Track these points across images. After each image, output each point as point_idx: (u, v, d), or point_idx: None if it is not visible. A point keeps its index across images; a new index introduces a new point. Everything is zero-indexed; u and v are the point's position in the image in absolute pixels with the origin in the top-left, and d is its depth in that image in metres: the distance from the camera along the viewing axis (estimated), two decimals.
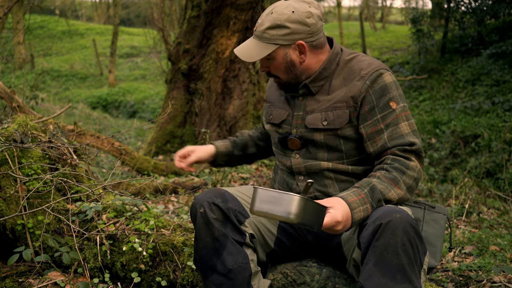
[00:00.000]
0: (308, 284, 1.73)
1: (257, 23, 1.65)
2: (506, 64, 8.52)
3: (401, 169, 1.54)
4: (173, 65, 5.75)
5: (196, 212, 1.59)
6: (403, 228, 1.34)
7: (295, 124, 1.72)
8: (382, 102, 1.60)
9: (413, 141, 1.57)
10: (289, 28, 1.59)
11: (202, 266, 1.61)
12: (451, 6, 10.37)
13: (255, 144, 2.03)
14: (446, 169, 6.50)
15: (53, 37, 22.10)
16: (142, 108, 12.60)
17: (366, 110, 1.61)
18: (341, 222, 1.39)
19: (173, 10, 12.62)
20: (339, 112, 1.63)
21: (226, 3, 5.27)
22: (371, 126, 1.61)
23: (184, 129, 5.66)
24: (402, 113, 1.60)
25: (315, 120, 1.66)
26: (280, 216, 1.32)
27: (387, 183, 1.51)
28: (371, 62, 1.66)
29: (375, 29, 19.77)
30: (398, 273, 1.34)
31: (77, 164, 2.26)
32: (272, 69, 1.69)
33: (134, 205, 2.21)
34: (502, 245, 2.77)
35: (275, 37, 1.61)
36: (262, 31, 1.62)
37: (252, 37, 1.68)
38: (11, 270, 1.96)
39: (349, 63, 1.69)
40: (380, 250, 1.35)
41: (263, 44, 1.63)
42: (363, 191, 1.47)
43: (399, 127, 1.59)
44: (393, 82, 1.62)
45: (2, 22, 3.70)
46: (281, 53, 1.63)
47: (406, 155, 1.57)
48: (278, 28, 1.60)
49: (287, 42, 1.61)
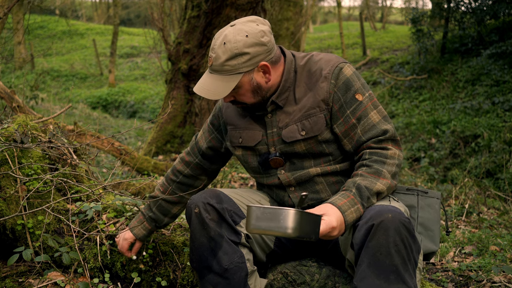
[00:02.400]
0: (308, 283, 1.73)
1: (211, 57, 1.57)
2: (506, 64, 8.52)
3: (380, 160, 1.54)
4: (173, 65, 5.75)
5: (191, 212, 1.59)
6: (395, 228, 1.34)
7: (272, 142, 1.67)
8: (349, 97, 1.59)
9: (385, 129, 1.57)
10: (249, 53, 1.53)
11: (198, 266, 1.61)
12: (451, 6, 10.36)
13: (190, 190, 1.90)
14: (446, 169, 6.50)
15: (53, 37, 22.09)
16: (142, 108, 12.60)
17: (336, 109, 1.60)
18: (336, 227, 1.39)
19: (173, 10, 12.62)
20: (314, 118, 1.61)
21: (226, 3, 5.28)
22: (343, 124, 1.60)
23: (184, 129, 5.65)
24: (369, 103, 1.60)
25: (292, 132, 1.63)
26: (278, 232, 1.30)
27: (371, 177, 1.50)
28: (328, 59, 1.64)
29: (375, 29, 19.76)
30: (391, 274, 1.34)
31: (77, 164, 2.26)
32: (237, 97, 1.62)
33: (134, 205, 2.21)
34: (502, 245, 2.76)
35: (237, 66, 1.54)
36: (221, 64, 1.54)
37: (209, 72, 1.60)
38: (11, 270, 1.96)
39: (306, 67, 1.66)
40: (374, 251, 1.35)
41: (225, 77, 1.55)
42: (351, 192, 1.47)
43: (369, 117, 1.58)
44: (354, 74, 1.61)
45: (2, 22, 3.70)
46: (246, 80, 1.57)
47: (382, 145, 1.57)
48: (237, 56, 1.53)
49: (250, 68, 1.55)
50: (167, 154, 5.57)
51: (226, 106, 1.80)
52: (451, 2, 10.29)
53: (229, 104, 1.79)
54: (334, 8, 19.23)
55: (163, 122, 5.67)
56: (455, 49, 10.31)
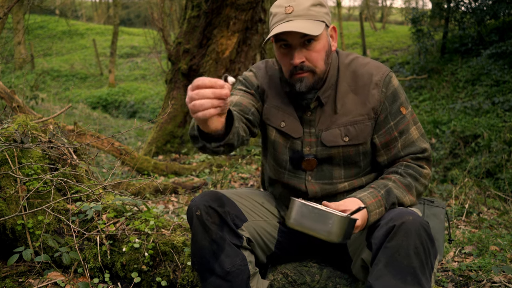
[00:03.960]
0: (309, 284, 1.73)
1: (290, 7, 1.44)
2: (506, 64, 8.52)
3: (415, 176, 1.53)
4: (173, 65, 5.75)
5: (192, 214, 1.57)
6: (416, 230, 1.33)
7: (308, 142, 1.59)
8: (394, 109, 1.55)
9: (424, 147, 1.56)
10: (326, 7, 1.50)
11: (200, 269, 1.60)
12: (451, 6, 10.36)
13: None
14: (446, 169, 6.50)
15: (53, 37, 22.09)
16: (142, 108, 12.60)
17: (381, 119, 1.55)
18: (359, 226, 1.41)
19: (173, 10, 12.62)
20: (361, 126, 1.54)
21: (226, 3, 5.27)
22: (385, 135, 1.56)
23: (184, 129, 5.65)
24: (410, 118, 1.58)
25: (334, 137, 1.56)
26: (321, 235, 1.27)
27: (402, 189, 1.50)
28: (376, 64, 1.59)
29: (375, 29, 19.77)
30: (408, 275, 1.32)
31: (77, 164, 2.26)
32: (310, 57, 1.48)
33: (134, 205, 2.21)
34: (502, 245, 2.76)
35: (321, 14, 1.47)
36: (307, 9, 1.44)
37: (288, 20, 1.44)
38: (11, 270, 1.96)
39: (350, 67, 1.59)
40: (392, 252, 1.33)
41: (312, 21, 1.44)
42: (380, 193, 1.47)
43: (410, 133, 1.56)
44: (399, 85, 1.59)
45: (2, 22, 3.70)
46: (324, 34, 1.48)
47: (419, 162, 1.56)
48: (319, 5, 1.47)
49: (327, 22, 1.49)
50: (167, 154, 5.57)
51: (270, 76, 1.65)
52: (451, 2, 10.29)
53: (273, 77, 1.63)
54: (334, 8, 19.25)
55: (163, 122, 5.67)
56: (455, 49, 10.31)
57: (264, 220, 1.70)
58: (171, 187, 3.96)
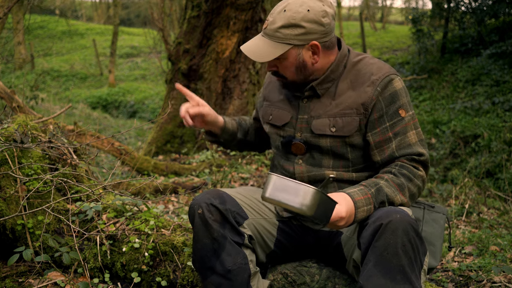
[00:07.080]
0: (308, 284, 1.73)
1: (268, 21, 1.56)
2: (506, 64, 8.52)
3: (408, 176, 1.53)
4: (173, 65, 5.75)
5: (194, 213, 1.58)
6: (403, 228, 1.33)
7: (300, 128, 1.66)
8: (392, 110, 1.56)
9: (421, 152, 1.56)
10: (304, 27, 1.52)
11: (201, 267, 1.60)
12: (451, 6, 10.36)
13: (254, 133, 1.96)
14: (446, 169, 6.50)
15: (53, 37, 22.09)
16: (142, 108, 12.60)
17: (375, 118, 1.57)
18: (344, 218, 1.40)
19: (173, 10, 12.62)
20: (349, 119, 1.58)
21: (226, 3, 5.27)
22: (379, 134, 1.58)
23: (184, 129, 5.65)
24: (410, 122, 1.58)
25: (322, 125, 1.61)
26: (293, 207, 1.29)
27: (394, 188, 1.50)
28: (381, 66, 1.61)
29: (375, 29, 19.77)
30: (398, 274, 1.33)
31: (77, 164, 2.26)
32: (280, 69, 1.61)
33: (134, 205, 2.21)
34: (502, 245, 2.76)
35: (289, 36, 1.52)
36: (274, 30, 1.53)
37: (261, 35, 1.58)
38: (11, 270, 1.96)
39: (357, 66, 1.63)
40: (380, 251, 1.34)
41: (275, 43, 1.54)
42: (370, 191, 1.47)
43: (407, 136, 1.57)
44: (403, 88, 1.59)
45: (2, 22, 3.70)
46: (293, 53, 1.56)
47: (414, 164, 1.56)
48: (292, 27, 1.52)
49: (301, 42, 1.54)
50: (167, 154, 5.56)
51: (269, 81, 1.82)
52: (451, 2, 10.30)
53: (272, 81, 1.80)
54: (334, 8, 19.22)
55: (163, 122, 5.67)
56: (455, 49, 10.32)
57: (264, 218, 1.71)
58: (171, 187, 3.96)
